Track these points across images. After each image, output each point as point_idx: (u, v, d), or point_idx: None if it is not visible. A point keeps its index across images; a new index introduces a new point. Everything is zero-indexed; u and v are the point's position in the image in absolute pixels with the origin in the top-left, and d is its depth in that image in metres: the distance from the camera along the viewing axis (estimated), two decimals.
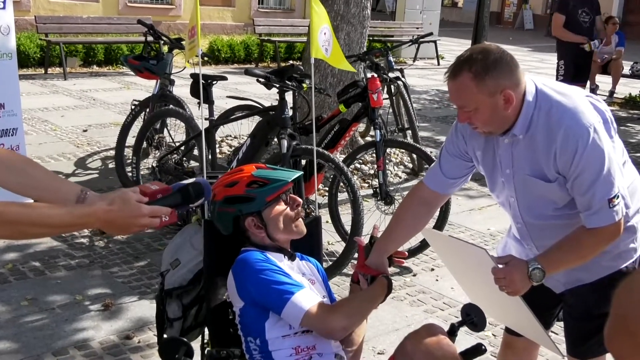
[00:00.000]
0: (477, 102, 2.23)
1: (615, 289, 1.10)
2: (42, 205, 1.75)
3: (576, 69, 8.85)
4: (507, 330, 2.83)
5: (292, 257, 2.48)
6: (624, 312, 1.08)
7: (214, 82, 5.40)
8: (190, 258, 2.57)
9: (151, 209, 1.79)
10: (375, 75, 5.16)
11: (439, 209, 3.62)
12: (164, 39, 6.49)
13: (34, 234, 1.96)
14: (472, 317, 2.27)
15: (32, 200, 1.78)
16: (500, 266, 2.25)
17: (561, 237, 2.33)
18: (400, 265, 2.57)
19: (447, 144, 2.58)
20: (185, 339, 2.11)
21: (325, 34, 3.49)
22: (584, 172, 2.21)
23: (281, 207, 2.43)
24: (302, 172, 2.59)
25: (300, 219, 2.48)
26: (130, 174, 5.84)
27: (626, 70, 13.07)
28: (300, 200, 2.49)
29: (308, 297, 2.25)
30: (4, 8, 5.01)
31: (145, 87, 10.21)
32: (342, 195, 5.04)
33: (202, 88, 4.47)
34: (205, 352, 2.55)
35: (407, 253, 2.66)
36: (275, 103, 4.84)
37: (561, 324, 2.73)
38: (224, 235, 2.47)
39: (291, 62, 14.13)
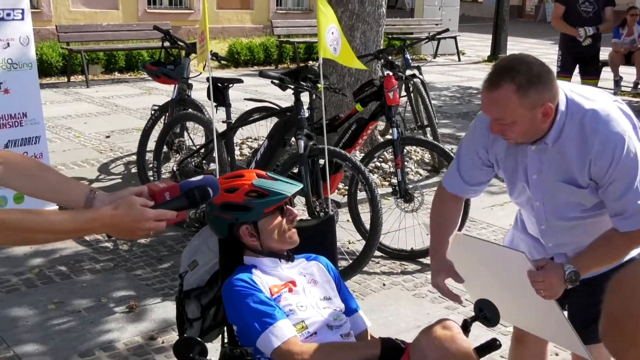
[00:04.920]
0: (516, 116, 2.19)
1: (608, 287, 1.12)
2: (46, 211, 1.78)
3: (574, 62, 8.56)
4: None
5: (290, 259, 2.49)
6: (615, 310, 1.10)
7: (230, 85, 5.45)
8: (207, 260, 2.60)
9: (156, 213, 1.79)
10: (391, 73, 5.16)
11: None
12: (180, 44, 6.56)
13: (39, 240, 1.99)
14: (485, 312, 2.27)
15: (55, 205, 1.81)
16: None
17: (584, 234, 2.36)
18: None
19: (465, 148, 2.55)
20: (199, 339, 2.14)
21: (332, 33, 3.52)
22: (618, 179, 2.22)
23: (277, 219, 2.43)
24: (302, 185, 2.57)
25: (294, 230, 2.48)
26: (152, 178, 5.91)
27: None
28: (296, 213, 2.49)
29: (281, 332, 2.24)
30: (22, 19, 5.11)
31: (166, 92, 10.29)
32: (362, 194, 5.06)
33: (218, 91, 4.53)
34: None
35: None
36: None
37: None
38: (235, 241, 2.50)
39: (310, 62, 14.17)
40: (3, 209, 1.72)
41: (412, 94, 6.98)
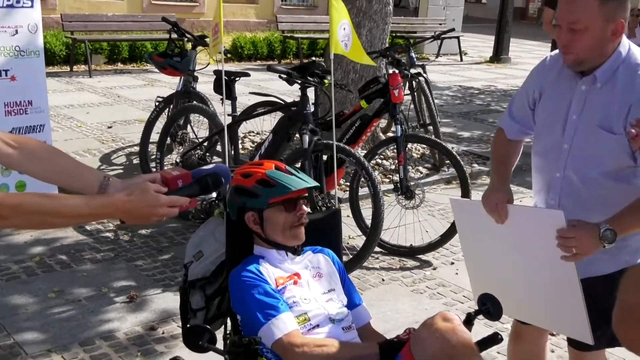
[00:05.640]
0: (591, 22, 2.26)
1: (623, 277, 1.12)
2: (61, 196, 1.80)
3: None
4: (518, 320, 2.84)
5: (296, 252, 2.52)
6: (632, 300, 1.10)
7: (237, 79, 5.46)
8: (213, 250, 2.61)
9: (169, 199, 1.83)
10: (397, 71, 5.17)
11: None
12: (188, 36, 6.56)
13: (54, 224, 2.01)
14: (488, 306, 2.29)
15: (56, 190, 1.82)
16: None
17: (591, 206, 2.39)
18: None
19: (520, 90, 2.64)
20: (208, 327, 2.16)
21: (344, 29, 3.53)
22: None
23: (282, 212, 2.45)
24: (315, 184, 2.59)
25: (302, 227, 2.49)
26: (154, 170, 5.92)
27: None
28: (305, 210, 2.50)
29: (283, 325, 2.28)
30: (32, 7, 5.10)
31: (169, 84, 10.31)
32: (364, 190, 5.08)
33: (224, 84, 4.54)
34: (228, 339, 2.61)
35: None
36: (298, 99, 4.89)
37: None
38: (245, 228, 2.52)
39: (314, 58, 14.17)
40: (20, 193, 1.74)
41: (415, 92, 6.99)
